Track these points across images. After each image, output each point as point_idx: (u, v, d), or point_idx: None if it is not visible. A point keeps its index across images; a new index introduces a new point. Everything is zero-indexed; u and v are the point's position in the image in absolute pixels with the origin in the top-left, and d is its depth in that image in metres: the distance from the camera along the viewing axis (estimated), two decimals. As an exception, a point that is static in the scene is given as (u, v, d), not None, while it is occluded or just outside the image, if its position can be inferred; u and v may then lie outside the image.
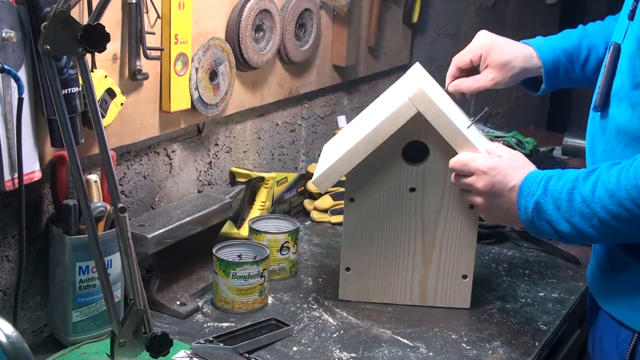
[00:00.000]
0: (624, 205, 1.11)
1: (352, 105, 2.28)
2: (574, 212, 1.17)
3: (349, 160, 1.43)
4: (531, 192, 1.23)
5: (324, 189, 1.46)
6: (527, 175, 1.26)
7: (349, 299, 1.55)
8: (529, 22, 3.35)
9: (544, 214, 1.21)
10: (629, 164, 1.12)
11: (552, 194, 1.20)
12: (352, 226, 1.52)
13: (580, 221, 1.17)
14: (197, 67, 1.57)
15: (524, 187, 1.25)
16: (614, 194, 1.12)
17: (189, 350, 1.32)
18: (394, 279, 1.53)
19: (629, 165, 1.12)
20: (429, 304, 1.54)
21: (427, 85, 1.43)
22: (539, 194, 1.22)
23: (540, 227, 1.22)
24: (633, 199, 1.10)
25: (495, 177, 1.30)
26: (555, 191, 1.20)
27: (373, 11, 2.17)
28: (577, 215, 1.17)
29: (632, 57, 1.18)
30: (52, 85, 1.12)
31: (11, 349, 0.90)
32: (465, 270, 1.51)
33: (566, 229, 1.19)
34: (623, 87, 1.20)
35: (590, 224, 1.16)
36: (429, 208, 1.48)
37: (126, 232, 1.17)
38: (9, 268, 1.32)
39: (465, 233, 1.49)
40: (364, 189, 1.49)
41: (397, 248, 1.51)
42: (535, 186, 1.23)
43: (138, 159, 1.56)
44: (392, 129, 1.40)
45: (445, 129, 1.39)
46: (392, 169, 1.47)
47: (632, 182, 1.10)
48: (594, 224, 1.15)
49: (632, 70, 1.18)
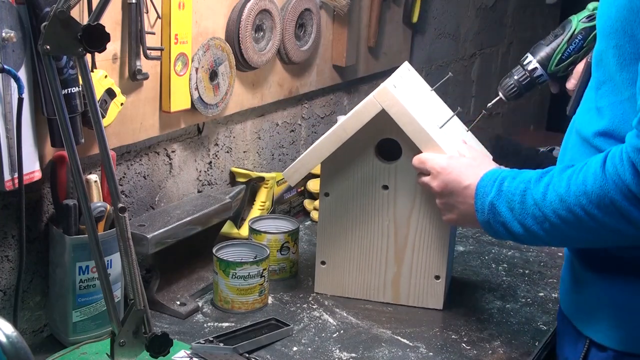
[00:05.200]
0: (573, 211, 1.11)
1: (352, 105, 2.28)
2: (526, 215, 1.17)
3: (317, 154, 1.47)
4: (486, 193, 1.24)
5: (294, 181, 1.52)
6: (484, 175, 1.27)
7: (325, 292, 1.58)
8: (529, 22, 3.35)
9: (498, 216, 1.21)
10: (579, 168, 1.12)
11: (506, 195, 1.20)
12: (327, 221, 1.54)
13: (533, 224, 1.17)
14: (197, 67, 1.57)
15: (479, 187, 1.26)
16: (563, 199, 1.12)
17: (189, 350, 1.32)
18: (368, 275, 1.55)
19: (579, 170, 1.11)
20: (402, 303, 1.55)
21: (395, 83, 1.45)
22: (493, 194, 1.22)
23: (496, 228, 1.23)
24: (581, 205, 1.09)
25: (449, 176, 1.32)
26: (509, 192, 1.20)
27: (373, 11, 2.17)
28: (529, 217, 1.17)
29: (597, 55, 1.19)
30: (52, 85, 1.12)
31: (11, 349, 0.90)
32: (437, 271, 1.52)
33: (519, 230, 1.19)
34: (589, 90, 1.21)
35: (542, 227, 1.16)
36: (402, 206, 1.49)
37: (126, 232, 1.17)
38: (9, 268, 1.32)
39: (438, 234, 1.50)
40: (338, 184, 1.52)
41: (371, 244, 1.53)
42: (490, 186, 1.24)
43: (138, 159, 1.56)
44: (357, 125, 1.43)
45: (409, 127, 1.41)
46: (365, 165, 1.49)
47: (581, 189, 1.09)
48: (546, 227, 1.16)
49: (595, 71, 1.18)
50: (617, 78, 1.12)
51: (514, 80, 1.49)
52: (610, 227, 1.09)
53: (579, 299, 1.25)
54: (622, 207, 1.06)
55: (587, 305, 1.23)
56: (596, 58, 1.19)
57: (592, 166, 1.09)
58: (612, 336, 1.19)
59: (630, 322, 1.17)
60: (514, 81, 1.49)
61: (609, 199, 1.06)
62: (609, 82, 1.15)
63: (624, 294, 1.17)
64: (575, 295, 1.27)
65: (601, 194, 1.07)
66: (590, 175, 1.09)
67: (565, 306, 1.30)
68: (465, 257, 1.80)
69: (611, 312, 1.19)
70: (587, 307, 1.23)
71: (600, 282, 1.20)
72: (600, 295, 1.20)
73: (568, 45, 1.43)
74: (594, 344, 1.21)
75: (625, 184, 1.04)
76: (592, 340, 1.22)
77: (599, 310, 1.20)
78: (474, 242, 1.89)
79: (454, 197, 1.31)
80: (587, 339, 1.23)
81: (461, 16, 2.80)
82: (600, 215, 1.08)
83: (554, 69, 1.44)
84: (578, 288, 1.26)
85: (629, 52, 1.09)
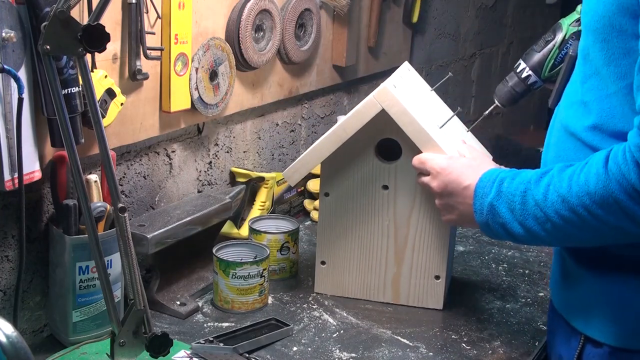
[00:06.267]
0: (576, 211, 1.10)
1: (352, 105, 2.27)
2: (527, 215, 1.17)
3: (317, 154, 1.47)
4: (485, 193, 1.23)
5: (294, 181, 1.52)
6: (482, 176, 1.26)
7: (325, 292, 1.58)
8: (529, 22, 3.35)
9: (497, 217, 1.21)
10: (579, 168, 1.12)
11: (506, 196, 1.20)
12: (327, 221, 1.54)
13: (534, 224, 1.17)
14: (197, 67, 1.57)
15: (478, 188, 1.25)
16: (565, 200, 1.12)
17: (189, 350, 1.32)
18: (368, 275, 1.55)
19: (580, 169, 1.11)
20: (402, 303, 1.55)
21: (395, 83, 1.45)
22: (492, 195, 1.22)
23: (495, 229, 1.22)
24: (585, 205, 1.09)
25: (448, 177, 1.32)
26: (509, 193, 1.20)
27: (373, 11, 2.17)
28: (530, 218, 1.17)
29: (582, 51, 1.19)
30: (52, 85, 1.12)
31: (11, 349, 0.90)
32: (437, 271, 1.52)
33: (520, 231, 1.19)
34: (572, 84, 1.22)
35: (544, 228, 1.16)
36: (402, 206, 1.49)
37: (126, 232, 1.17)
38: (9, 268, 1.32)
39: (438, 234, 1.49)
40: (338, 184, 1.52)
41: (371, 244, 1.53)
42: (489, 187, 1.23)
43: (138, 159, 1.56)
44: (357, 125, 1.43)
45: (409, 127, 1.41)
46: (365, 165, 1.49)
47: (584, 189, 1.09)
48: (547, 228, 1.15)
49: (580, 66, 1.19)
50: (603, 72, 1.13)
51: (508, 88, 1.49)
52: (614, 225, 1.09)
53: (572, 295, 1.25)
54: (626, 207, 1.06)
55: (581, 301, 1.23)
56: (582, 52, 1.19)
57: (594, 166, 1.09)
58: (608, 332, 1.18)
59: (626, 318, 1.17)
60: (509, 88, 1.49)
61: (612, 199, 1.06)
62: (595, 76, 1.15)
63: (620, 289, 1.17)
64: (569, 292, 1.26)
65: (605, 194, 1.07)
66: (593, 176, 1.08)
67: (558, 303, 1.30)
68: (465, 257, 1.80)
69: (607, 308, 1.18)
70: (582, 304, 1.22)
71: (595, 278, 1.20)
72: (595, 291, 1.20)
73: (560, 51, 1.43)
74: (589, 340, 1.21)
75: (631, 183, 1.04)
76: (587, 336, 1.21)
77: (594, 306, 1.20)
78: (474, 242, 1.89)
79: (454, 198, 1.31)
80: (581, 335, 1.22)
81: (461, 16, 2.80)
82: (603, 214, 1.08)
83: (547, 74, 1.45)
84: (572, 284, 1.25)
85: (617, 46, 1.10)
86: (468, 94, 3.00)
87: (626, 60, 1.09)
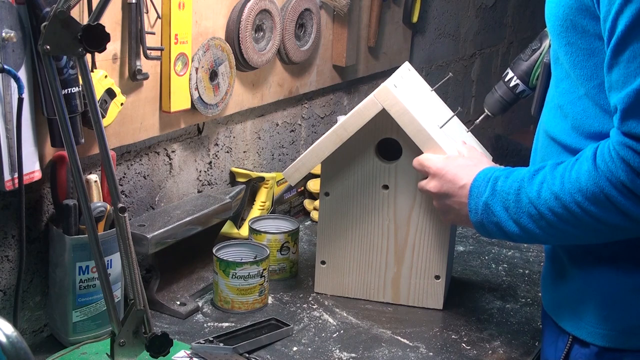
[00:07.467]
0: (569, 208, 1.11)
1: (352, 105, 2.28)
2: (521, 213, 1.17)
3: (317, 154, 1.47)
4: (479, 193, 1.24)
5: (294, 181, 1.52)
6: (477, 175, 1.26)
7: (325, 292, 1.58)
8: (529, 22, 3.35)
9: (492, 216, 1.21)
10: (570, 164, 1.12)
11: (500, 195, 1.20)
12: (327, 220, 1.54)
13: (529, 222, 1.17)
14: (197, 67, 1.57)
15: (473, 188, 1.25)
16: (558, 197, 1.12)
17: (189, 350, 1.32)
18: (368, 275, 1.55)
19: (571, 166, 1.12)
20: (402, 303, 1.55)
21: (396, 83, 1.45)
22: (487, 194, 1.22)
23: (489, 228, 1.23)
24: (577, 201, 1.10)
25: (444, 177, 1.32)
26: (503, 192, 1.20)
27: (373, 11, 2.17)
28: (525, 216, 1.17)
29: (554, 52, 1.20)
30: (52, 85, 1.12)
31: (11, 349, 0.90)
32: (437, 270, 1.52)
33: (514, 229, 1.19)
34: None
35: (538, 225, 1.16)
36: (402, 206, 1.49)
37: (126, 232, 1.17)
38: (9, 268, 1.32)
39: (438, 233, 1.50)
40: (338, 183, 1.52)
41: (371, 244, 1.53)
42: (484, 186, 1.23)
43: (138, 159, 1.56)
44: (357, 124, 1.43)
45: (409, 127, 1.41)
46: (365, 165, 1.49)
47: (575, 186, 1.10)
48: (542, 225, 1.16)
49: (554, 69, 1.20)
50: (572, 75, 1.14)
51: (498, 97, 1.50)
52: (608, 222, 1.09)
53: (562, 294, 1.25)
54: (618, 202, 1.06)
55: (570, 300, 1.23)
56: (553, 57, 1.20)
57: (585, 163, 1.10)
58: (596, 332, 1.18)
59: (614, 317, 1.17)
60: (498, 97, 1.50)
61: (604, 195, 1.07)
62: (565, 80, 1.16)
63: (609, 288, 1.17)
64: (558, 292, 1.26)
65: (596, 191, 1.08)
66: (584, 172, 1.09)
67: (547, 303, 1.30)
68: (465, 257, 1.80)
69: (596, 307, 1.18)
70: (571, 303, 1.22)
71: (583, 277, 1.20)
72: (584, 289, 1.20)
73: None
74: (577, 340, 1.21)
75: (620, 180, 1.05)
76: (575, 336, 1.21)
77: (583, 305, 1.20)
78: (474, 242, 1.89)
79: (451, 198, 1.31)
80: (569, 336, 1.22)
81: (461, 16, 2.80)
82: (596, 211, 1.09)
83: (535, 82, 1.45)
84: (561, 283, 1.25)
85: (581, 48, 1.11)
86: (468, 94, 3.00)
87: (592, 61, 1.10)
